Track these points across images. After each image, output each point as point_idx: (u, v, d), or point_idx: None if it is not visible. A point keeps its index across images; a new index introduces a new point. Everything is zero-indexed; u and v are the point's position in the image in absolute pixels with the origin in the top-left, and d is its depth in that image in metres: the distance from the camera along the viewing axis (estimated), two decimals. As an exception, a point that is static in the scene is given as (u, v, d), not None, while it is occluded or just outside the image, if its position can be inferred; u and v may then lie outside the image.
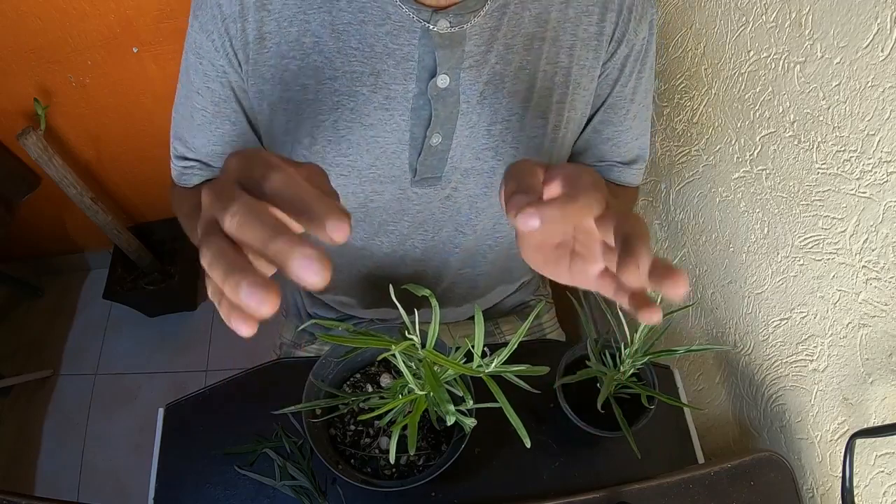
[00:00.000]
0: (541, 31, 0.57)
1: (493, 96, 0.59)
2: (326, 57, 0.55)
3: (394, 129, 0.59)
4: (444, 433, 0.65)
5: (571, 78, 0.60)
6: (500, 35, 0.56)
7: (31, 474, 1.61)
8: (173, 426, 0.74)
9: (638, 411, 0.64)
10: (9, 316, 1.89)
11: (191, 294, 1.83)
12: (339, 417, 0.66)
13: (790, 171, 0.62)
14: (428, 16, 0.53)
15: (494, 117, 0.60)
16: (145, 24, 1.18)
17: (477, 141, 0.61)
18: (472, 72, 0.57)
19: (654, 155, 0.91)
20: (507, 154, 0.62)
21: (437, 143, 0.59)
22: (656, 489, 0.67)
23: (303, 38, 0.55)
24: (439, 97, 0.57)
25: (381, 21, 0.54)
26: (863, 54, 0.49)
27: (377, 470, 0.64)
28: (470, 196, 0.66)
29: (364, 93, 0.57)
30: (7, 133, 1.35)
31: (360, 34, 0.55)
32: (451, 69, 0.56)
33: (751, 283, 0.73)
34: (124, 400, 1.71)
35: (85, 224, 1.57)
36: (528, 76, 0.59)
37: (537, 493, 0.69)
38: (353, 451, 0.64)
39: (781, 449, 0.74)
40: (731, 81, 0.68)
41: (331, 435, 0.65)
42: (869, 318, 0.56)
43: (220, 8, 0.55)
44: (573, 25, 0.58)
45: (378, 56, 0.55)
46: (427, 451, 0.64)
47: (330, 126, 0.58)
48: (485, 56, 0.56)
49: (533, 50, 0.58)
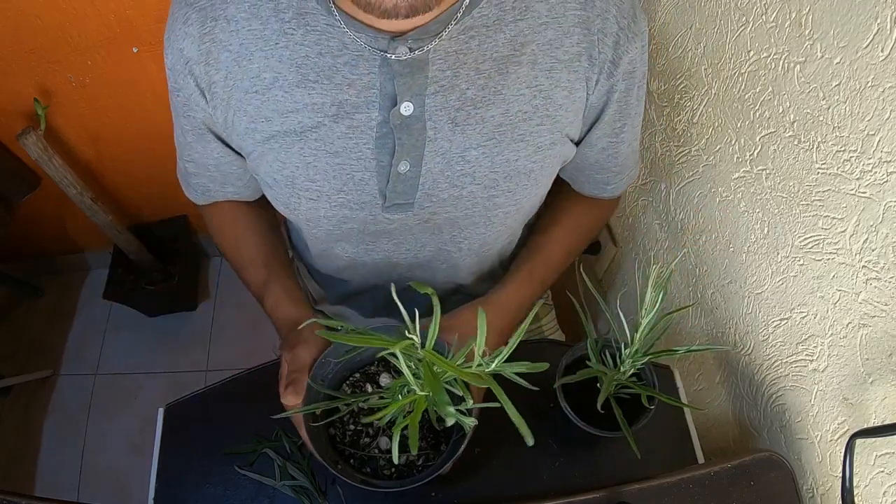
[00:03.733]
0: (516, 55, 0.55)
1: (465, 122, 0.57)
2: (286, 91, 0.56)
3: (359, 157, 0.58)
4: (444, 433, 0.65)
5: (553, 100, 0.58)
6: (469, 59, 0.54)
7: (31, 474, 1.61)
8: (173, 426, 0.74)
9: (638, 411, 0.64)
10: (9, 316, 1.89)
11: (191, 294, 1.83)
12: (339, 417, 0.66)
13: (790, 171, 0.62)
14: (385, 44, 0.51)
15: (468, 143, 0.58)
16: (145, 24, 1.18)
17: (451, 168, 0.60)
18: (438, 97, 0.55)
19: (654, 155, 0.91)
20: (486, 178, 0.61)
21: (404, 170, 0.59)
22: (656, 489, 0.67)
23: (263, 73, 0.55)
24: (403, 125, 0.56)
25: (338, 52, 0.54)
26: (863, 54, 0.49)
27: (376, 470, 0.63)
28: (450, 219, 0.65)
29: (326, 123, 0.57)
30: (7, 133, 1.36)
31: (319, 66, 0.54)
32: (415, 96, 0.54)
33: (751, 283, 0.73)
34: (124, 400, 1.71)
35: (85, 224, 1.57)
36: (503, 100, 0.57)
37: (537, 493, 0.69)
38: (353, 451, 0.64)
39: (781, 449, 0.74)
40: (731, 81, 0.68)
41: (330, 435, 0.65)
42: (869, 318, 0.56)
43: (181, 52, 0.57)
44: (552, 48, 0.56)
45: (338, 87, 0.55)
46: (427, 450, 0.64)
47: (297, 153, 0.59)
48: (452, 81, 0.55)
49: (508, 74, 0.56)
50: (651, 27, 0.84)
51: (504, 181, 0.62)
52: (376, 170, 0.59)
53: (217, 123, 0.62)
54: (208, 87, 0.58)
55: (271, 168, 0.61)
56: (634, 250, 1.06)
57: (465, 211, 0.64)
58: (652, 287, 0.58)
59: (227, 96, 0.58)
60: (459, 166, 0.60)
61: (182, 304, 1.81)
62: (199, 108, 0.61)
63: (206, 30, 0.55)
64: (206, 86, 0.58)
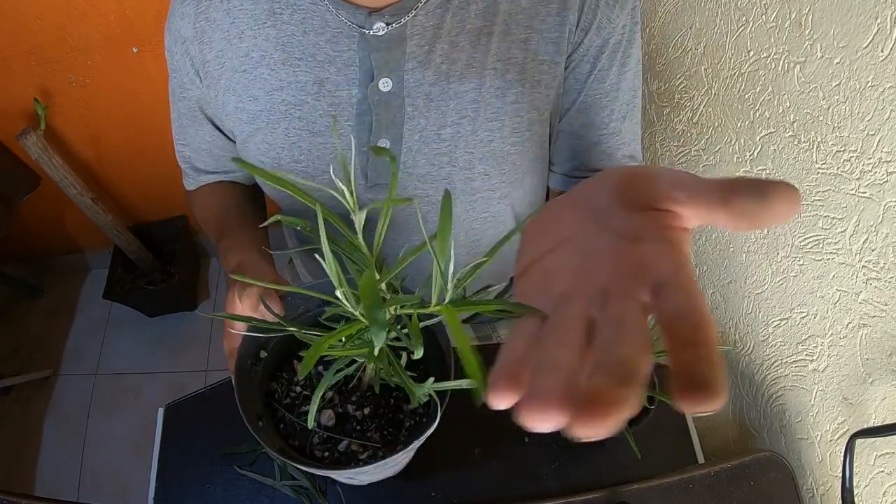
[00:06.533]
0: (488, 26, 0.54)
1: (439, 98, 0.56)
2: (272, 69, 0.57)
3: (340, 135, 0.59)
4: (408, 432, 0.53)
5: (527, 75, 0.56)
6: (444, 32, 0.54)
7: (31, 474, 1.61)
8: (173, 426, 0.74)
9: (638, 411, 0.64)
10: (9, 316, 1.89)
11: (190, 294, 1.83)
12: (288, 375, 0.56)
13: (790, 171, 0.62)
14: (363, 19, 0.53)
15: (443, 120, 0.57)
16: (145, 24, 1.18)
17: (428, 146, 0.59)
18: (415, 73, 0.55)
19: (654, 155, 0.91)
20: (463, 160, 0.59)
21: (384, 147, 0.58)
22: (656, 489, 0.67)
23: (251, 52, 0.57)
24: (381, 101, 0.56)
25: (320, 30, 0.55)
26: (863, 54, 0.49)
27: (306, 448, 0.52)
28: (433, 203, 0.63)
29: (309, 101, 0.57)
30: (7, 133, 1.36)
31: (303, 44, 0.55)
32: (393, 72, 0.55)
33: (751, 283, 0.73)
34: (124, 400, 1.71)
35: (85, 224, 1.57)
36: (476, 74, 0.55)
37: (537, 493, 0.69)
38: (286, 415, 0.54)
39: (781, 449, 0.74)
40: (731, 81, 0.68)
41: (270, 389, 0.55)
42: (869, 318, 0.56)
43: (179, 32, 0.59)
44: (527, 17, 0.54)
45: (320, 64, 0.56)
46: (380, 445, 0.52)
47: (282, 134, 0.60)
48: (428, 55, 0.54)
49: (480, 46, 0.54)
50: (651, 27, 0.84)
51: (480, 163, 0.60)
52: (356, 148, 0.59)
53: (210, 104, 0.63)
54: (202, 66, 0.60)
55: (258, 150, 0.62)
56: (634, 250, 1.06)
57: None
58: (652, 287, 0.58)
59: (218, 75, 0.59)
60: (436, 144, 0.59)
61: (182, 304, 1.81)
62: (195, 88, 0.63)
63: (202, 9, 0.57)
64: (200, 65, 0.60)
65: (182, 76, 0.62)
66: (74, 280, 1.93)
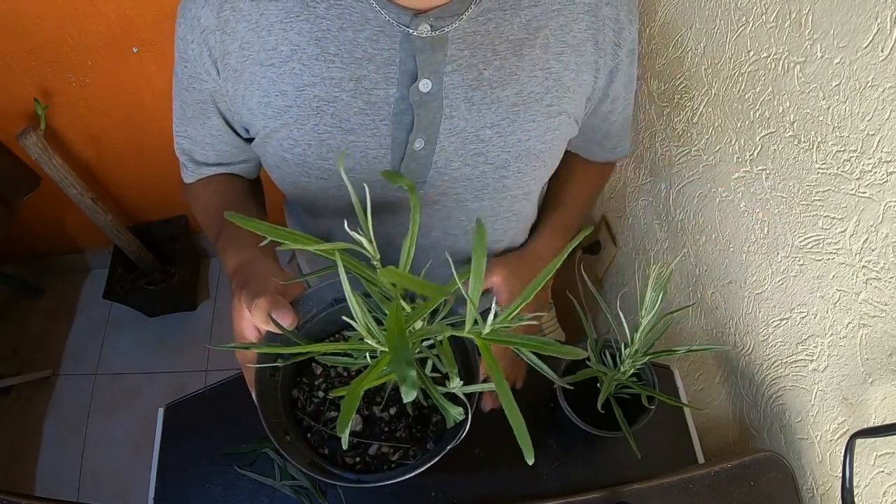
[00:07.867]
0: (530, 38, 0.57)
1: (481, 102, 0.58)
2: (305, 63, 0.56)
3: (374, 133, 0.59)
4: (437, 428, 0.54)
5: (563, 83, 0.60)
6: (486, 39, 0.56)
7: (31, 474, 1.61)
8: (173, 426, 0.74)
9: (638, 411, 0.64)
10: (9, 316, 1.89)
11: (190, 294, 1.83)
12: (308, 380, 0.55)
13: (790, 171, 0.62)
14: (408, 20, 0.53)
15: (483, 122, 0.59)
16: (145, 24, 1.18)
17: (466, 146, 0.61)
18: (456, 76, 0.57)
19: (654, 155, 0.91)
20: (499, 159, 0.62)
21: (419, 147, 0.59)
22: (656, 489, 0.67)
23: (280, 45, 0.56)
24: (422, 102, 0.57)
25: (360, 26, 0.54)
26: (863, 54, 0.49)
27: (335, 455, 0.52)
28: (459, 201, 0.66)
29: (344, 98, 0.57)
30: (7, 133, 1.36)
31: (339, 40, 0.55)
32: (434, 73, 0.55)
33: (751, 283, 0.73)
34: (124, 400, 1.71)
35: (85, 224, 1.57)
36: (518, 82, 0.59)
37: (537, 493, 0.69)
38: (313, 424, 0.53)
39: (781, 449, 0.74)
40: (731, 81, 0.68)
41: (292, 398, 0.54)
42: (869, 318, 0.56)
43: (198, 20, 0.56)
44: (563, 33, 0.58)
45: (358, 61, 0.55)
46: (409, 444, 0.53)
47: (310, 130, 0.59)
48: (469, 60, 0.56)
49: (523, 56, 0.58)
50: (651, 27, 0.84)
51: (515, 161, 0.63)
52: (391, 147, 0.60)
53: (226, 97, 0.61)
54: (221, 58, 0.58)
55: (281, 147, 0.61)
56: (634, 250, 1.06)
57: (476, 193, 0.65)
58: (652, 287, 0.58)
59: (240, 68, 0.58)
60: (473, 145, 0.61)
61: (182, 304, 1.81)
62: (210, 80, 0.60)
63: None
64: (219, 55, 0.58)
65: (196, 67, 0.60)
66: (74, 280, 1.93)
